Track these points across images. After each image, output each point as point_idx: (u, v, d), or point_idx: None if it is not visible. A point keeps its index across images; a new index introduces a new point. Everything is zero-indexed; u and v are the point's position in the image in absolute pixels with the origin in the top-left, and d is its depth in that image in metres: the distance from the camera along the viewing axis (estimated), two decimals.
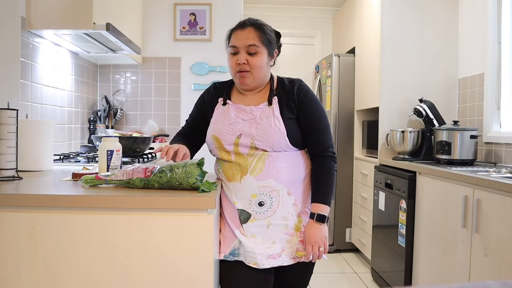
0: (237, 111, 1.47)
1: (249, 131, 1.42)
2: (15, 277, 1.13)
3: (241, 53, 1.45)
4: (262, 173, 1.42)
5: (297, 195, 1.48)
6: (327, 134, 1.50)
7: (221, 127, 1.46)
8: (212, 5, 3.26)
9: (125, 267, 1.14)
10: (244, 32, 1.45)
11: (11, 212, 1.13)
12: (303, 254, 1.45)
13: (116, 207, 1.15)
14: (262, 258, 1.41)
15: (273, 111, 1.44)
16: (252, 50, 1.44)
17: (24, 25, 2.11)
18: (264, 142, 1.41)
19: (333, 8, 4.55)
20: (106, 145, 1.44)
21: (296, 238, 1.45)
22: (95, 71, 3.25)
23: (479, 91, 2.75)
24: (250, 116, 1.45)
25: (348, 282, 3.04)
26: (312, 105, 1.49)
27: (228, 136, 1.44)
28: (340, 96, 3.74)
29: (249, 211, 1.44)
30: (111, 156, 1.42)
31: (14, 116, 1.44)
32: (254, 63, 1.44)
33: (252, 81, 1.47)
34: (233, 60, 1.47)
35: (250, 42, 1.44)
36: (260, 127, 1.42)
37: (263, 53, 1.46)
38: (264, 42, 1.46)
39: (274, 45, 1.52)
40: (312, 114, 1.48)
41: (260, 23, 1.49)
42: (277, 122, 1.42)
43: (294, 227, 1.46)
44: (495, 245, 1.71)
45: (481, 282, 0.47)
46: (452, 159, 2.55)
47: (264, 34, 1.47)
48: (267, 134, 1.41)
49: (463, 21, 2.99)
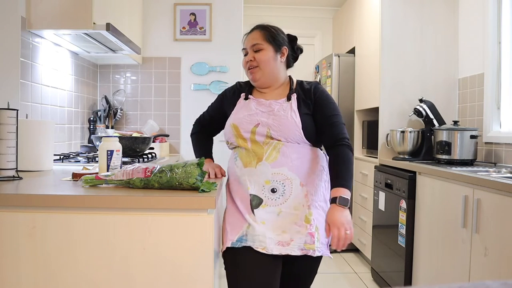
0: (257, 104, 1.59)
1: (267, 121, 1.52)
2: (15, 277, 1.13)
3: (249, 53, 1.61)
4: (276, 161, 1.49)
5: (309, 188, 1.51)
6: (342, 128, 1.56)
7: (241, 117, 1.56)
8: (212, 5, 3.26)
9: (125, 267, 1.14)
10: (250, 34, 1.63)
11: (11, 212, 1.13)
12: (311, 247, 1.45)
13: (116, 207, 1.15)
14: (271, 243, 1.43)
15: (291, 105, 1.54)
16: (257, 47, 1.58)
17: (24, 25, 2.11)
18: (280, 133, 1.50)
19: (333, 8, 4.55)
20: (106, 145, 1.44)
21: (305, 230, 1.46)
22: (95, 71, 3.25)
23: (479, 91, 2.75)
24: (269, 108, 1.55)
25: (348, 282, 3.04)
26: (327, 102, 1.58)
27: (247, 125, 1.54)
28: (340, 96, 3.74)
29: (262, 196, 1.49)
30: (111, 156, 1.43)
31: (14, 116, 1.44)
32: (259, 58, 1.58)
33: (261, 76, 1.59)
34: (244, 60, 1.63)
35: (254, 42, 1.59)
36: (277, 118, 1.51)
37: (268, 49, 1.59)
38: (268, 39, 1.59)
39: (281, 42, 1.61)
40: (327, 109, 1.56)
41: (266, 25, 1.63)
42: (294, 115, 1.52)
43: (304, 218, 1.48)
44: (495, 245, 1.71)
45: (481, 282, 0.47)
46: (452, 159, 2.55)
47: (268, 32, 1.60)
48: (283, 124, 1.50)
49: (463, 21, 2.99)
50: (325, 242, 1.51)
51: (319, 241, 1.48)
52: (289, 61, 1.67)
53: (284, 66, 1.65)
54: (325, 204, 1.55)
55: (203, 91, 3.27)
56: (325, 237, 1.50)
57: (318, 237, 1.48)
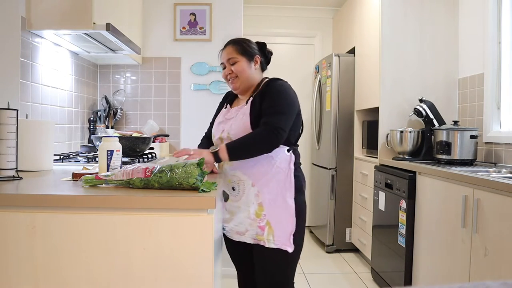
0: (225, 112, 1.84)
1: (228, 127, 1.75)
2: (15, 277, 1.13)
3: (227, 66, 1.80)
4: (234, 164, 1.72)
5: (260, 187, 1.68)
6: (274, 116, 1.63)
7: (215, 126, 1.85)
8: (212, 5, 3.26)
9: (125, 267, 1.14)
10: (225, 50, 1.82)
11: (11, 212, 1.13)
12: (261, 238, 1.67)
13: (116, 207, 1.15)
14: (232, 233, 1.76)
15: (245, 109, 1.73)
16: (232, 61, 1.78)
17: (24, 25, 2.11)
18: (235, 135, 1.69)
19: (333, 8, 4.55)
20: (106, 145, 1.44)
21: (256, 223, 1.68)
22: (95, 71, 3.25)
23: (479, 91, 2.75)
24: (232, 115, 1.78)
25: (348, 282, 3.04)
26: (271, 94, 1.69)
27: (217, 133, 1.81)
28: (340, 96, 3.74)
29: (228, 192, 1.78)
30: (111, 156, 1.43)
31: (14, 116, 1.44)
32: (236, 69, 1.77)
33: (240, 84, 1.78)
34: (223, 72, 1.83)
35: (229, 56, 1.79)
36: (234, 122, 1.74)
37: (242, 60, 1.78)
38: (241, 52, 1.78)
39: (252, 52, 1.80)
40: (268, 101, 1.68)
41: (237, 40, 1.84)
42: (245, 118, 1.69)
43: (255, 213, 1.69)
44: (495, 245, 1.71)
45: (481, 282, 0.47)
46: (452, 159, 2.55)
47: (240, 46, 1.79)
48: (235, 128, 1.71)
49: (463, 21, 2.99)
50: (283, 236, 1.66)
51: (271, 235, 1.66)
52: (262, 65, 1.85)
53: (259, 71, 1.84)
54: (283, 202, 1.68)
55: (203, 91, 3.27)
56: (282, 231, 1.66)
57: (270, 230, 1.66)
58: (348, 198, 3.76)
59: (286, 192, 1.68)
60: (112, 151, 1.43)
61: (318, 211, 4.10)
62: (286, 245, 1.66)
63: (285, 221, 1.67)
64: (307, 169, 4.65)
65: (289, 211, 1.67)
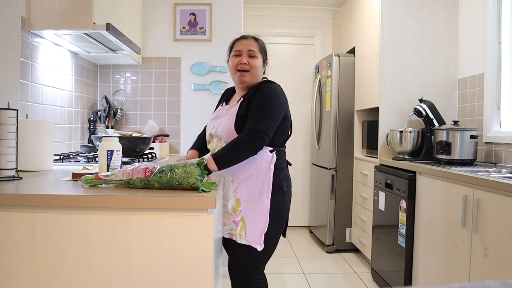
0: (219, 109, 1.87)
1: (217, 125, 1.79)
2: (15, 277, 1.13)
3: (244, 55, 1.78)
4: None
5: (239, 184, 1.73)
6: (259, 120, 1.65)
7: (209, 122, 1.88)
8: (212, 5, 3.26)
9: (125, 267, 1.14)
10: (247, 41, 1.82)
11: (11, 212, 1.13)
12: (234, 233, 1.72)
13: (116, 207, 1.15)
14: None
15: (234, 109, 1.75)
16: (252, 54, 1.79)
17: (24, 25, 2.11)
18: (221, 133, 1.75)
19: (333, 8, 4.55)
20: (106, 145, 1.44)
21: (231, 218, 1.73)
22: (95, 71, 3.25)
23: (479, 91, 2.75)
24: (223, 113, 1.81)
25: (348, 282, 3.04)
26: (259, 97, 1.71)
27: (209, 129, 1.85)
28: (340, 96, 3.74)
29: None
30: (111, 156, 1.43)
31: (14, 116, 1.44)
32: (253, 64, 1.78)
33: (249, 79, 1.79)
34: (236, 60, 1.79)
35: (251, 48, 1.79)
36: (222, 120, 1.77)
37: (260, 58, 1.82)
38: (261, 50, 1.83)
39: (266, 56, 1.88)
40: (255, 103, 1.70)
41: (258, 37, 1.86)
42: (231, 117, 1.73)
43: (232, 208, 1.73)
44: (495, 245, 1.71)
45: (481, 282, 0.47)
46: (452, 159, 2.55)
47: (261, 45, 1.84)
48: (221, 126, 1.75)
49: (463, 21, 2.99)
50: (255, 234, 1.70)
51: (243, 230, 1.71)
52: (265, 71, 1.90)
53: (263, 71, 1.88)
54: (259, 202, 1.72)
55: (203, 91, 3.27)
56: (255, 230, 1.70)
57: (243, 226, 1.71)
58: (348, 198, 3.76)
59: (263, 192, 1.72)
60: (112, 151, 1.44)
61: (318, 211, 4.10)
62: (256, 243, 1.71)
63: (259, 219, 1.71)
64: (307, 169, 4.66)
65: (263, 211, 1.71)
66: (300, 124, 4.65)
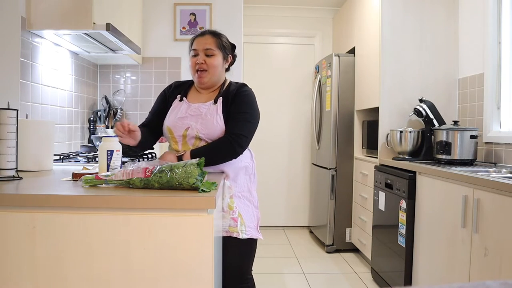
0: (187, 107, 1.74)
1: (195, 125, 1.68)
2: (15, 277, 1.13)
3: (200, 55, 1.71)
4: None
5: (232, 181, 1.73)
6: (240, 124, 1.67)
7: (173, 120, 1.73)
8: (212, 5, 3.26)
9: (125, 267, 1.14)
10: (203, 38, 1.74)
11: (11, 212, 1.13)
12: (234, 230, 1.70)
13: (116, 207, 1.15)
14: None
15: (216, 109, 1.70)
16: (209, 52, 1.71)
17: (24, 25, 2.11)
18: (207, 135, 1.68)
19: (333, 8, 4.55)
20: (106, 145, 1.44)
21: (229, 215, 1.71)
22: (95, 71, 3.25)
23: (479, 91, 2.75)
24: (198, 112, 1.71)
25: (348, 282, 3.04)
26: (241, 101, 1.71)
27: (179, 129, 1.71)
28: (340, 96, 3.74)
29: None
30: (111, 156, 1.43)
31: (14, 116, 1.44)
32: (210, 63, 1.71)
33: (208, 80, 1.73)
34: (193, 60, 1.73)
35: (207, 46, 1.71)
36: (204, 122, 1.68)
37: (219, 55, 1.74)
38: (220, 46, 1.74)
39: (229, 50, 1.79)
40: (236, 106, 1.70)
41: (217, 32, 1.77)
42: (219, 118, 1.68)
43: (227, 206, 1.71)
44: (495, 245, 1.71)
45: (481, 282, 0.47)
46: (452, 159, 2.55)
47: (220, 40, 1.75)
48: (209, 128, 1.67)
49: (463, 21, 2.99)
50: (252, 226, 1.74)
51: (243, 225, 1.71)
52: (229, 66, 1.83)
53: (224, 71, 1.81)
54: (249, 194, 1.78)
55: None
56: (251, 222, 1.74)
57: (242, 221, 1.72)
58: (348, 198, 3.76)
59: (251, 185, 1.79)
60: (112, 151, 1.43)
61: (318, 211, 4.10)
62: (257, 234, 1.76)
63: (251, 211, 1.78)
64: (307, 169, 4.66)
65: (253, 202, 1.79)
66: (300, 124, 4.65)
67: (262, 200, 4.44)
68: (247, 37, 4.42)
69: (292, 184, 4.68)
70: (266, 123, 4.55)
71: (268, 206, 4.57)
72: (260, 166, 3.62)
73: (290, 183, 4.68)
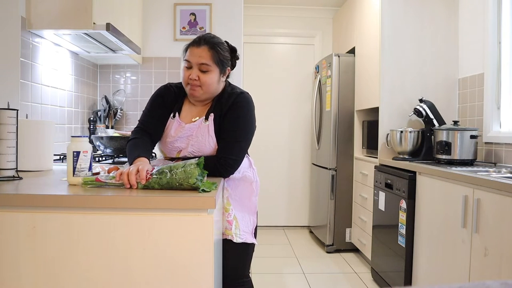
0: (176, 128, 1.63)
1: (186, 148, 1.62)
2: (15, 277, 1.13)
3: (194, 69, 1.56)
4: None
5: (229, 183, 1.69)
6: (230, 147, 1.58)
7: (164, 144, 1.67)
8: (212, 5, 3.26)
9: (125, 267, 1.14)
10: (198, 50, 1.56)
11: (11, 212, 1.13)
12: (229, 233, 1.65)
13: (116, 207, 1.15)
14: None
15: (208, 129, 1.59)
16: (204, 68, 1.56)
17: (24, 25, 2.11)
18: (200, 154, 1.60)
19: (333, 8, 4.54)
20: (73, 146, 1.31)
21: (225, 218, 1.67)
22: (95, 71, 3.25)
23: (479, 91, 2.75)
24: (188, 133, 1.61)
25: (348, 282, 3.04)
26: (233, 116, 1.59)
27: (170, 151, 1.67)
28: (340, 96, 3.74)
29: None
30: (77, 157, 1.30)
31: (14, 116, 1.44)
32: (204, 80, 1.56)
33: (201, 94, 1.60)
34: (186, 73, 1.59)
35: (202, 61, 1.55)
36: (196, 144, 1.60)
37: (215, 72, 1.58)
38: (216, 62, 1.57)
39: (227, 64, 1.63)
40: (228, 122, 1.59)
41: (215, 42, 1.59)
42: (211, 140, 1.59)
43: (224, 208, 1.67)
44: (495, 245, 1.71)
45: (481, 282, 0.47)
46: (452, 159, 2.55)
47: (217, 54, 1.57)
48: (202, 150, 1.60)
49: (463, 21, 2.99)
50: (247, 231, 1.70)
51: (237, 229, 1.67)
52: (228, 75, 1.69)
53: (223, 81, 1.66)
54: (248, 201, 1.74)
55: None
56: (246, 226, 1.70)
57: (237, 225, 1.67)
58: (348, 198, 3.75)
59: (251, 192, 1.73)
60: (79, 152, 1.30)
61: (318, 211, 4.10)
62: (251, 239, 1.72)
63: (248, 217, 1.73)
64: (307, 169, 4.66)
65: (252, 208, 1.74)
66: (300, 124, 4.65)
67: (262, 200, 4.44)
68: (247, 37, 4.42)
69: (292, 184, 4.68)
70: (266, 123, 4.56)
71: (268, 206, 4.57)
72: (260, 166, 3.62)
73: (290, 183, 4.68)
